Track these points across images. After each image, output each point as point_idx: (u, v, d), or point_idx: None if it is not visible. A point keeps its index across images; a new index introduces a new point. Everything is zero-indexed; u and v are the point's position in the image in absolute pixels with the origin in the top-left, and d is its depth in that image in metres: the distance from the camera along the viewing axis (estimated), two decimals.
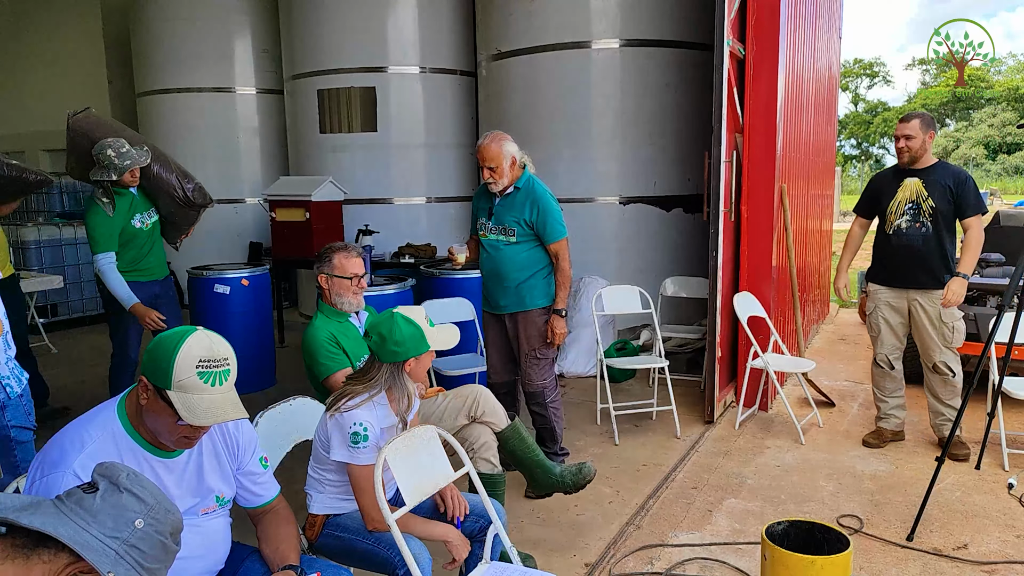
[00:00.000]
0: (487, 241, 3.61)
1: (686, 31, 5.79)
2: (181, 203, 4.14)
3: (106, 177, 3.77)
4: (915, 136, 3.82)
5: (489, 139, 3.48)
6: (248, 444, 1.90)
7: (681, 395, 4.77)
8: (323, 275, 2.98)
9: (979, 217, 3.80)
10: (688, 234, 5.97)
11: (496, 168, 3.45)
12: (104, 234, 3.83)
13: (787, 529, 2.35)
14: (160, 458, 1.71)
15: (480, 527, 2.31)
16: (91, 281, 8.06)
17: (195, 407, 1.58)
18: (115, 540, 1.07)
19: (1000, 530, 3.17)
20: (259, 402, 2.53)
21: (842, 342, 6.78)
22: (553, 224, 3.50)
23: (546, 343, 3.60)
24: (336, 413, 2.19)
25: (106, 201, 3.83)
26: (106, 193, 3.83)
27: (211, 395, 1.60)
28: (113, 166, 3.76)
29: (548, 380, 3.65)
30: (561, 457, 3.73)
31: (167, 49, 8.05)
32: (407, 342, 2.20)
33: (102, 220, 3.82)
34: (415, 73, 6.86)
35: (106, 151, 3.75)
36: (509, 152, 3.47)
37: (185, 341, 1.61)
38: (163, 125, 8.26)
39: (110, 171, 3.77)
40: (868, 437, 4.17)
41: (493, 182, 3.48)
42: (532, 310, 3.57)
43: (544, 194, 3.52)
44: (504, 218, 3.53)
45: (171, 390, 1.58)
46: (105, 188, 3.82)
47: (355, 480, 2.17)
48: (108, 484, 1.12)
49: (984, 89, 39.13)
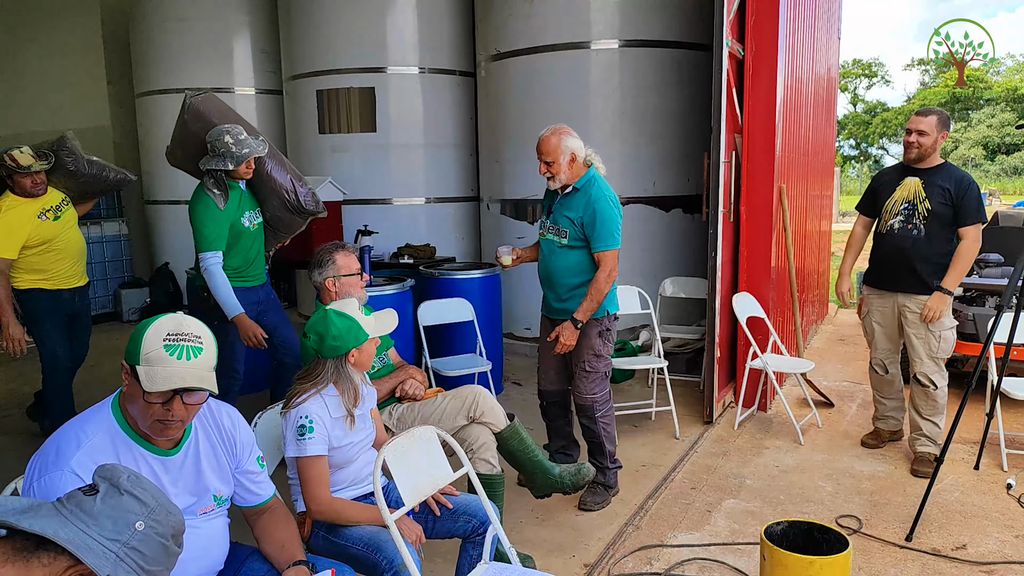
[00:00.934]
0: (544, 241, 3.40)
1: (685, 32, 5.79)
2: (291, 208, 3.80)
3: (221, 166, 3.45)
4: (929, 133, 3.65)
5: (550, 132, 3.23)
6: (246, 442, 1.90)
7: (680, 395, 4.78)
8: (330, 279, 2.93)
9: (977, 227, 3.64)
10: (687, 234, 5.97)
11: (552, 163, 3.20)
12: (214, 230, 3.48)
13: (786, 530, 2.35)
14: (157, 455, 1.71)
15: (473, 528, 2.32)
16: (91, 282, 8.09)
17: (155, 376, 1.57)
18: (115, 543, 1.07)
19: (999, 530, 3.17)
20: (258, 403, 2.53)
21: (841, 343, 6.78)
22: (601, 230, 3.20)
23: (597, 356, 3.37)
24: (287, 411, 2.26)
25: (217, 193, 3.50)
26: (218, 184, 3.50)
27: (175, 367, 1.58)
28: (230, 154, 3.44)
29: (599, 394, 3.42)
30: (615, 471, 3.56)
31: (166, 49, 8.05)
32: (344, 335, 2.26)
33: (214, 214, 3.48)
34: (414, 74, 6.86)
35: (223, 137, 3.45)
36: (569, 148, 3.21)
37: (158, 319, 1.64)
38: (162, 126, 8.24)
39: (226, 159, 3.45)
40: (866, 438, 4.15)
41: (550, 177, 3.24)
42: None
43: (602, 197, 3.23)
44: (560, 218, 3.31)
45: (139, 365, 1.59)
46: (217, 179, 3.50)
47: (301, 470, 2.22)
48: (109, 486, 1.12)
49: (983, 90, 39.16)
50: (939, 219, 3.65)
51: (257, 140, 3.55)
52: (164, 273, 8.17)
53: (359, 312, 2.32)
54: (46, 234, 3.99)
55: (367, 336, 2.29)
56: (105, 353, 6.68)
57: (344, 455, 2.30)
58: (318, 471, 2.21)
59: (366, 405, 2.42)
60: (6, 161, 3.83)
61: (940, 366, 3.79)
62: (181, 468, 1.75)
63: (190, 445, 1.78)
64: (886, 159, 42.19)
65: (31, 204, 3.96)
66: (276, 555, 1.91)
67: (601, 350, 3.37)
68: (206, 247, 3.47)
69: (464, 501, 2.37)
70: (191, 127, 3.60)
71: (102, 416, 1.68)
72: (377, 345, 2.39)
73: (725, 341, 4.69)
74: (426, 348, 4.40)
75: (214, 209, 3.48)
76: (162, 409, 1.61)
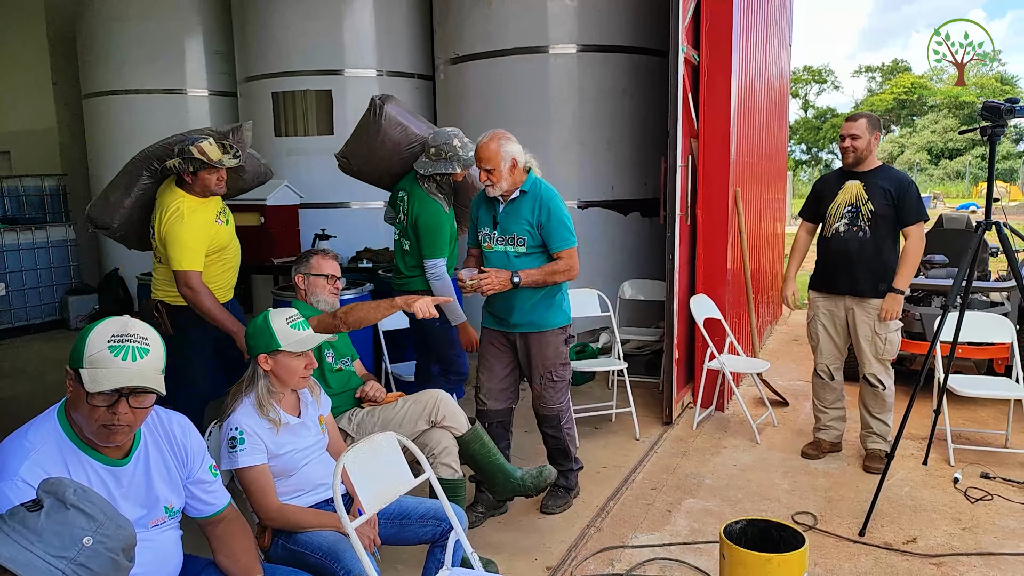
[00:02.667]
0: (493, 254, 3.22)
1: (642, 37, 5.86)
2: None
3: (447, 169, 3.37)
4: (861, 136, 3.74)
5: (488, 137, 3.11)
6: (197, 451, 1.85)
7: (640, 397, 4.82)
8: (300, 275, 3.03)
9: (920, 225, 3.71)
10: (645, 238, 6.03)
11: (493, 170, 3.08)
12: (447, 235, 3.39)
13: (744, 528, 2.38)
14: (107, 465, 1.65)
15: (441, 532, 2.30)
16: (35, 288, 7.83)
17: (99, 377, 1.52)
18: (62, 560, 1.03)
19: (947, 523, 3.27)
20: (214, 411, 2.47)
21: (795, 343, 6.93)
22: (561, 230, 3.14)
23: (564, 363, 3.31)
24: (219, 424, 2.27)
25: (442, 196, 3.40)
26: (440, 187, 3.42)
27: (120, 367, 1.54)
28: (457, 158, 3.38)
29: (565, 402, 3.38)
30: (577, 472, 3.52)
31: (115, 49, 7.82)
32: (255, 336, 2.28)
33: (445, 219, 3.38)
34: (372, 76, 6.80)
35: (451, 141, 3.38)
36: (510, 153, 3.10)
37: (103, 321, 1.60)
38: (111, 127, 8.02)
39: (452, 163, 3.37)
40: (806, 448, 4.10)
41: (490, 185, 3.11)
42: (548, 331, 3.24)
43: (554, 196, 3.17)
44: (511, 227, 3.16)
45: (83, 368, 1.54)
46: (440, 182, 3.42)
47: (241, 482, 2.21)
48: (54, 501, 1.08)
49: (927, 97, 40.54)
50: (883, 220, 3.73)
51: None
52: (114, 279, 7.93)
53: (285, 322, 2.27)
54: (222, 240, 3.43)
55: (278, 346, 2.24)
56: (51, 362, 6.47)
57: (287, 463, 2.28)
58: (260, 481, 2.19)
59: (310, 412, 2.39)
60: (194, 154, 3.22)
61: (887, 367, 3.87)
62: (131, 479, 1.70)
63: (140, 454, 1.72)
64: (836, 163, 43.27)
65: (209, 205, 3.37)
66: (231, 568, 1.87)
67: (567, 357, 3.33)
68: (439, 253, 3.40)
69: (430, 506, 2.35)
70: (390, 132, 3.47)
71: (47, 426, 1.62)
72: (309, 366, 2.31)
73: (683, 342, 4.75)
74: (386, 353, 4.36)
75: (443, 213, 3.43)
76: (107, 413, 1.55)
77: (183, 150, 3.23)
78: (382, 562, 2.18)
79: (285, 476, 2.29)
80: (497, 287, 3.06)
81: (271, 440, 2.24)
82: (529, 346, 3.25)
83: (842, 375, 4.07)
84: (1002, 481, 3.68)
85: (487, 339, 3.35)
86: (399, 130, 3.49)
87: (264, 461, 2.21)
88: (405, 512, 2.35)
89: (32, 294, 7.74)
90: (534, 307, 3.21)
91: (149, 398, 1.61)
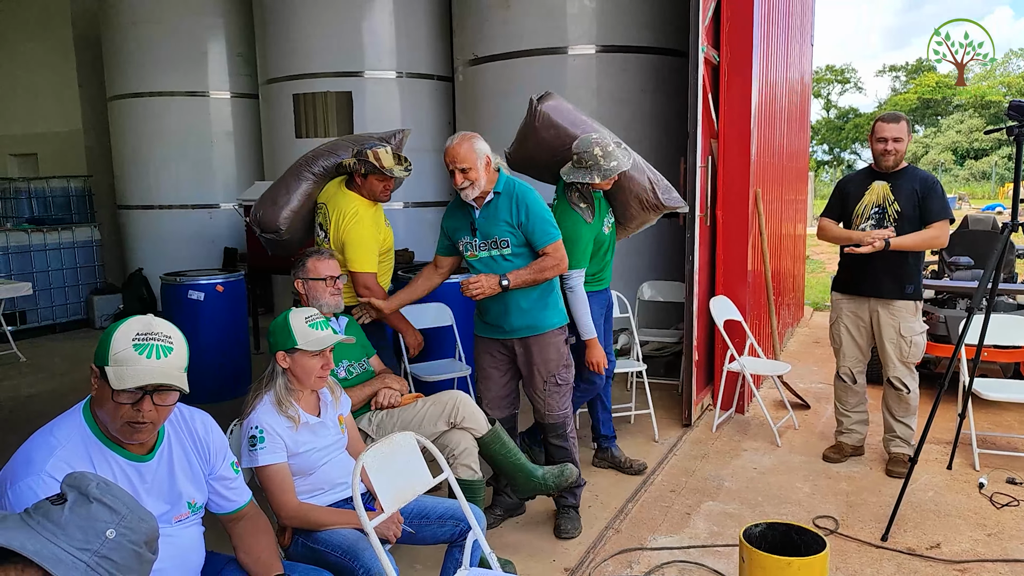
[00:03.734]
0: (477, 261, 3.13)
1: (661, 38, 5.83)
2: (648, 206, 3.57)
3: (586, 179, 3.23)
4: (903, 139, 3.66)
5: (458, 139, 3.02)
6: (219, 448, 1.87)
7: (659, 399, 4.80)
8: (299, 280, 3.02)
9: (944, 223, 3.67)
10: (664, 239, 6.00)
11: (469, 169, 2.98)
12: (585, 247, 3.28)
13: (764, 531, 2.36)
14: (132, 461, 1.68)
15: (459, 532, 2.31)
16: (61, 288, 7.96)
17: (124, 375, 1.55)
18: (86, 552, 1.05)
19: (972, 529, 3.22)
20: (234, 409, 2.50)
21: (816, 345, 6.86)
22: (543, 225, 3.05)
23: (566, 365, 3.19)
24: (243, 421, 2.28)
25: (584, 207, 3.28)
26: (583, 197, 3.29)
27: (145, 365, 1.56)
28: (597, 167, 3.22)
29: (567, 408, 3.23)
30: (581, 487, 3.33)
31: (139, 52, 7.94)
32: (276, 333, 2.30)
33: (584, 230, 3.27)
34: (392, 78, 6.84)
35: (592, 149, 3.21)
36: (483, 151, 3.02)
37: (127, 320, 1.62)
38: (135, 129, 8.15)
39: (592, 173, 3.22)
40: (828, 451, 4.06)
41: (469, 186, 2.99)
42: (547, 332, 3.13)
43: (528, 191, 3.09)
44: (491, 230, 3.07)
45: (108, 365, 1.56)
46: (582, 191, 3.30)
47: (261, 481, 2.22)
48: (77, 495, 1.09)
49: (952, 96, 39.97)
50: (909, 221, 3.68)
51: (622, 150, 3.30)
52: (137, 279, 8.04)
53: (304, 321, 2.29)
54: (388, 243, 3.55)
55: (295, 344, 2.26)
56: (76, 361, 6.57)
57: (306, 461, 2.29)
58: (278, 479, 2.21)
59: (330, 412, 2.40)
60: (369, 158, 3.36)
61: (911, 370, 3.82)
62: (155, 474, 1.72)
63: (163, 451, 1.75)
64: (859, 164, 42.84)
65: (377, 208, 3.50)
66: (252, 565, 1.89)
67: (568, 359, 3.21)
68: (576, 264, 3.24)
69: (449, 506, 2.36)
70: (541, 134, 3.36)
71: (73, 422, 1.64)
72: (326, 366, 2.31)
73: (703, 344, 4.72)
74: (405, 353, 4.37)
75: (583, 224, 3.30)
76: (132, 410, 1.58)
77: (360, 152, 3.37)
78: (400, 561, 2.18)
79: (304, 475, 2.30)
80: (487, 291, 2.97)
81: (291, 439, 2.25)
82: (529, 351, 3.14)
83: (865, 378, 4.02)
84: None
85: (483, 348, 3.24)
86: (552, 133, 3.33)
87: (283, 460, 2.23)
88: (423, 512, 2.35)
89: (58, 294, 7.87)
90: (530, 309, 3.11)
91: (173, 396, 1.63)
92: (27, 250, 7.63)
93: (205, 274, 5.35)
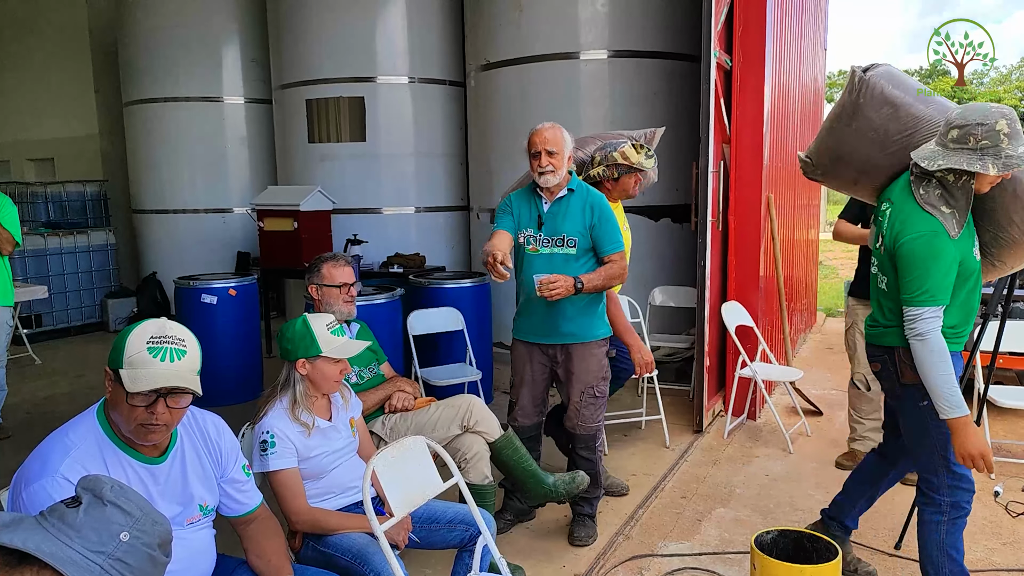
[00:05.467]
0: (538, 257, 3.01)
1: (674, 42, 5.83)
2: None
3: (971, 167, 2.22)
4: None
5: (549, 124, 2.97)
6: (231, 451, 1.88)
7: (670, 404, 4.78)
8: (313, 286, 3.02)
9: None
10: (676, 244, 5.99)
11: (556, 153, 2.90)
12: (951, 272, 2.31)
13: (776, 538, 2.35)
14: (144, 463, 1.69)
15: (470, 537, 2.31)
16: (76, 291, 8.05)
17: (138, 377, 1.57)
18: (100, 555, 1.05)
19: (987, 538, 3.19)
20: (246, 413, 2.51)
21: (829, 351, 6.81)
22: (614, 233, 3.00)
23: (605, 377, 3.12)
24: (252, 427, 2.29)
25: (947, 211, 2.30)
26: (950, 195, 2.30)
27: (158, 368, 1.58)
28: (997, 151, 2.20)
29: (600, 421, 3.19)
30: (599, 498, 3.31)
31: (154, 58, 8.02)
32: (295, 340, 2.29)
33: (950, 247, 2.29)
34: (404, 83, 6.87)
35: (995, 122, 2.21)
36: (570, 143, 2.97)
37: (141, 323, 1.64)
38: (150, 134, 8.22)
39: (985, 158, 2.21)
40: (841, 459, 4.03)
41: (551, 171, 2.91)
42: (591, 342, 3.07)
43: (602, 198, 3.04)
44: (561, 226, 2.99)
45: (123, 368, 1.58)
46: (949, 188, 2.30)
47: (272, 486, 2.22)
48: (92, 497, 1.10)
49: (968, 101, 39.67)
50: None
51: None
52: (151, 283, 8.11)
53: (325, 328, 2.30)
54: (628, 243, 3.44)
55: (319, 351, 2.27)
56: (90, 363, 6.63)
57: (317, 465, 2.30)
58: (289, 484, 2.21)
59: (341, 415, 2.41)
60: (618, 160, 3.34)
61: None
62: (168, 476, 1.73)
63: (176, 453, 1.76)
64: None
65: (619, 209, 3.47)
66: (263, 568, 1.90)
67: (607, 372, 3.16)
68: (925, 298, 2.29)
69: (459, 511, 2.36)
70: (871, 116, 2.45)
71: (87, 424, 1.66)
72: (343, 371, 2.33)
73: (714, 350, 4.70)
74: (416, 357, 4.39)
75: (944, 238, 2.28)
76: (145, 412, 1.60)
77: (607, 157, 3.40)
78: (409, 565, 2.19)
79: (315, 479, 2.31)
80: (564, 293, 2.83)
81: (302, 443, 2.26)
82: (571, 359, 3.07)
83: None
84: None
85: (524, 353, 3.15)
86: (887, 112, 2.43)
87: (294, 465, 2.24)
88: (434, 516, 2.36)
89: (73, 297, 7.94)
90: (577, 316, 3.03)
91: (186, 398, 1.65)
92: (43, 254, 7.71)
93: (218, 278, 5.39)
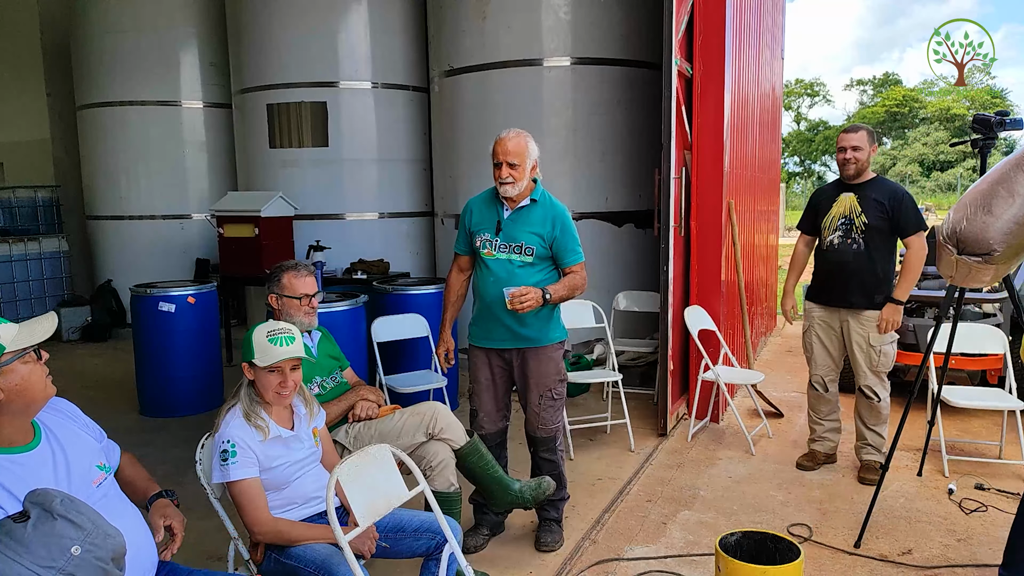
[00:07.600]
0: (494, 261, 3.06)
1: (636, 50, 5.90)
2: None
3: None
4: (862, 147, 3.72)
5: (513, 133, 2.99)
6: (90, 421, 1.94)
7: (634, 408, 4.81)
8: (272, 295, 2.94)
9: (920, 235, 3.71)
10: (639, 249, 6.05)
11: (518, 165, 2.95)
12: None
13: (740, 540, 2.37)
14: (7, 454, 1.58)
15: (436, 545, 2.29)
16: (27, 300, 7.78)
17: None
18: (50, 570, 1.02)
19: (942, 535, 3.26)
20: (206, 422, 2.46)
21: (789, 354, 6.93)
22: (574, 244, 3.08)
23: (562, 380, 3.18)
24: (213, 435, 2.27)
25: None
26: None
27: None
28: None
29: (559, 423, 3.24)
30: (564, 501, 3.33)
31: (109, 60, 7.84)
32: (243, 344, 2.31)
33: None
34: (367, 88, 6.83)
35: None
36: (534, 152, 3.00)
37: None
38: (105, 139, 8.03)
39: None
40: (802, 459, 4.10)
41: (511, 182, 2.96)
42: (548, 346, 3.12)
43: (564, 210, 3.10)
44: (519, 234, 3.03)
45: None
46: None
47: (233, 496, 2.20)
48: (40, 511, 1.07)
49: (918, 109, 40.86)
50: (877, 232, 3.73)
51: None
52: (106, 291, 7.90)
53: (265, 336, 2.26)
54: None
55: (251, 357, 2.24)
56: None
57: (279, 476, 2.26)
58: (251, 494, 2.18)
59: (304, 425, 2.38)
60: None
61: (882, 379, 3.86)
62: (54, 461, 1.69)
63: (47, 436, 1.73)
64: (828, 175, 43.54)
65: None
66: (131, 495, 1.95)
67: (565, 374, 3.22)
68: None
69: (425, 519, 2.33)
70: None
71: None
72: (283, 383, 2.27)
73: (678, 354, 4.75)
74: (380, 365, 4.34)
75: None
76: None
77: None
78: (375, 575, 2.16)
79: (277, 489, 2.27)
80: (534, 305, 2.91)
81: (263, 453, 2.22)
82: (527, 363, 3.12)
83: (837, 386, 4.06)
84: (996, 492, 3.68)
85: (482, 359, 3.19)
86: None
87: (256, 474, 2.20)
88: (399, 525, 2.33)
89: (24, 305, 7.71)
90: (535, 321, 3.09)
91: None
92: None
93: (176, 286, 5.27)
